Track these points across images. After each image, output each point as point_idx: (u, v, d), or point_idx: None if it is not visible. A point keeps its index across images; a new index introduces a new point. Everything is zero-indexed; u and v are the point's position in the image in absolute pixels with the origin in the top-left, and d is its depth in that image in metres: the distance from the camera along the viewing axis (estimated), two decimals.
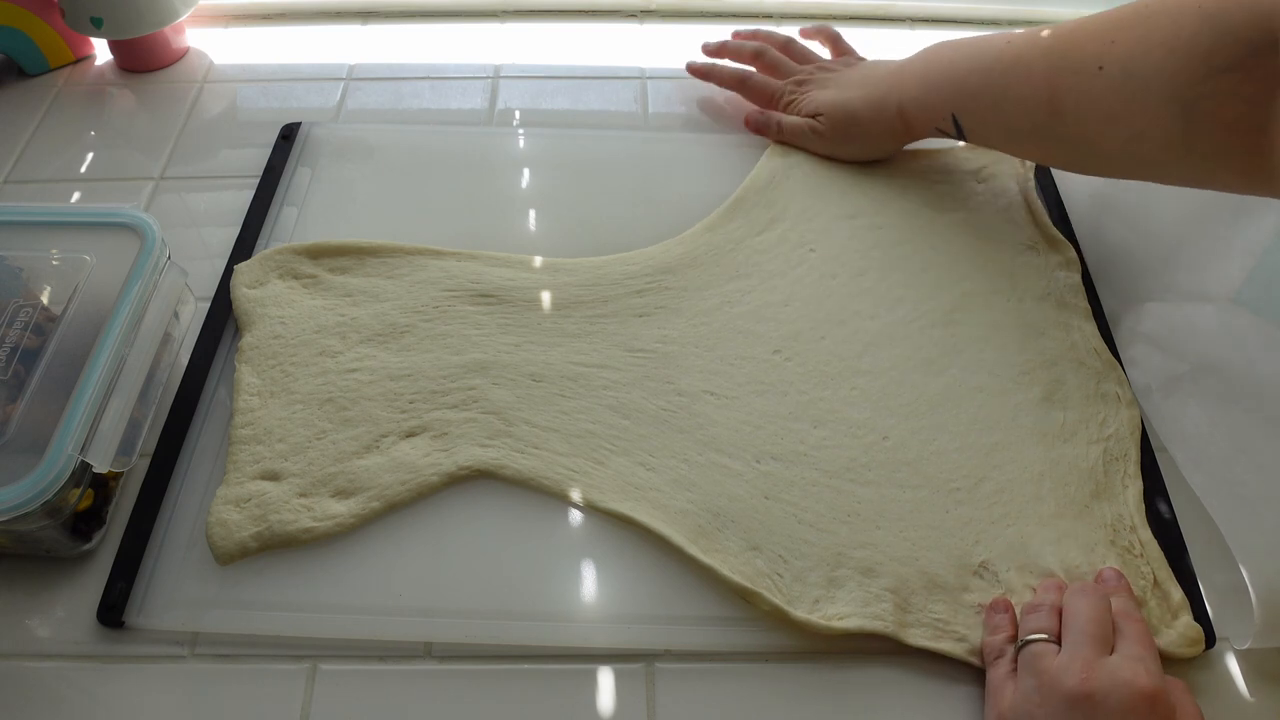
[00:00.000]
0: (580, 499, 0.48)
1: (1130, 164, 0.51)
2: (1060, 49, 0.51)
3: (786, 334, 0.54)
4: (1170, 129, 0.46)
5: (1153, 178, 0.53)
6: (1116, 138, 0.49)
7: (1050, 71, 0.51)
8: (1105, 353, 0.54)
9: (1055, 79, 0.51)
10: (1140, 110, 0.47)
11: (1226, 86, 0.43)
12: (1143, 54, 0.46)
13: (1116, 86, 0.48)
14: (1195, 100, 0.45)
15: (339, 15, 0.80)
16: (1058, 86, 0.50)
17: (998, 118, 0.55)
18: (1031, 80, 0.52)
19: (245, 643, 0.44)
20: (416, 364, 0.52)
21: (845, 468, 0.49)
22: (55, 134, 0.69)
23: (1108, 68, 0.48)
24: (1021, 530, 0.47)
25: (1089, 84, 0.49)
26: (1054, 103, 0.51)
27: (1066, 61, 0.50)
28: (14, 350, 0.45)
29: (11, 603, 0.45)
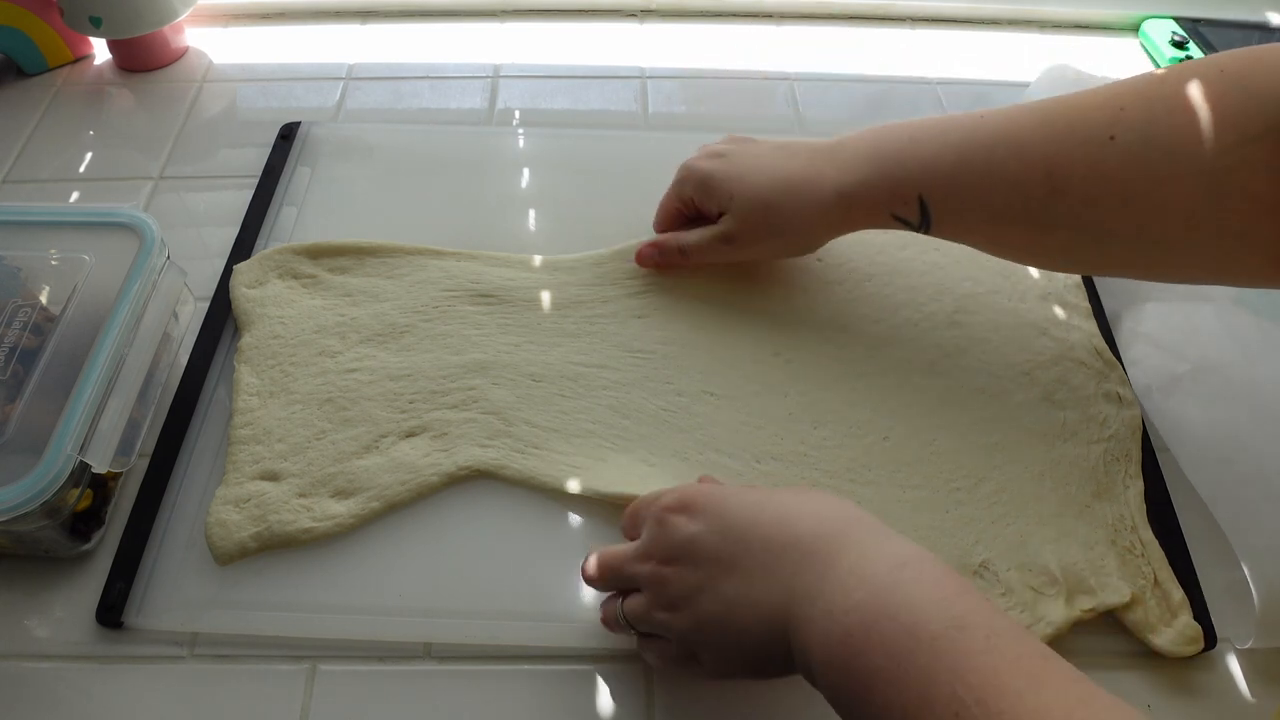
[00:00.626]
0: (580, 489, 0.47)
1: (1143, 250, 0.44)
2: (1058, 119, 0.44)
3: (788, 336, 0.54)
4: (1197, 205, 0.41)
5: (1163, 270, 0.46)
6: (1128, 217, 0.42)
7: (1049, 143, 0.44)
8: (1106, 353, 0.54)
9: (1056, 151, 0.43)
10: (1161, 184, 0.41)
11: (1259, 156, 0.39)
12: (1164, 120, 0.41)
13: (1134, 158, 0.41)
14: (1226, 171, 0.39)
15: (338, 15, 0.80)
16: (1060, 159, 0.43)
17: (979, 199, 0.46)
18: (1025, 155, 0.44)
19: (245, 643, 0.44)
20: (416, 364, 0.52)
21: (846, 468, 0.49)
22: (54, 134, 0.69)
23: (1121, 136, 0.41)
24: (1022, 530, 0.47)
25: (1099, 155, 0.42)
26: (1054, 179, 0.43)
27: (1070, 131, 0.43)
28: (13, 350, 0.45)
29: (10, 603, 0.45)
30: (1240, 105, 0.39)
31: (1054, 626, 0.43)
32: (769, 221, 0.51)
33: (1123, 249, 0.44)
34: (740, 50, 0.77)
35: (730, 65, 0.75)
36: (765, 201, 0.51)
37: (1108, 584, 0.44)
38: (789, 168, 0.51)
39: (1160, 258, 0.44)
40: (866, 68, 0.77)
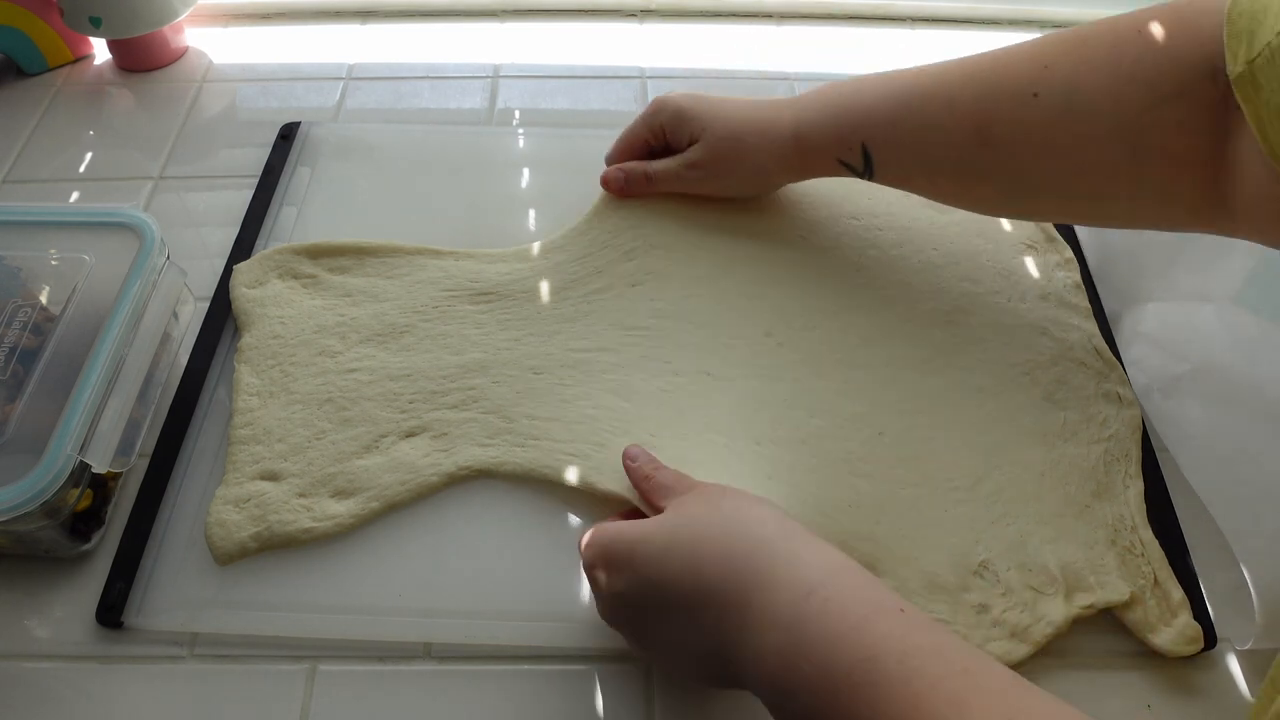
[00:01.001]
0: (578, 480, 0.47)
1: (1067, 200, 0.48)
2: (987, 76, 0.46)
3: (778, 317, 0.55)
4: (1117, 161, 0.43)
5: (1087, 216, 0.50)
6: (1054, 170, 0.45)
7: (978, 99, 0.46)
8: (1106, 353, 0.54)
9: (984, 106, 0.46)
10: (1083, 141, 0.43)
11: (1174, 116, 0.41)
12: (1083, 80, 0.43)
13: (1056, 115, 0.44)
14: (1142, 130, 0.42)
15: (338, 15, 0.80)
16: (987, 114, 0.46)
17: (916, 149, 0.49)
18: (955, 108, 0.47)
19: (245, 643, 0.44)
20: (416, 364, 0.52)
21: (843, 459, 0.49)
22: (54, 133, 0.69)
23: (1043, 95, 0.44)
24: (1021, 529, 0.47)
25: (1023, 112, 0.44)
26: (983, 132, 0.46)
27: (997, 88, 0.45)
28: (13, 350, 0.45)
29: (10, 603, 0.45)
30: (1156, 66, 0.41)
31: (1054, 626, 0.43)
32: (736, 154, 0.55)
33: (1051, 199, 0.48)
34: (740, 50, 0.77)
35: (730, 65, 0.75)
36: (735, 135, 0.54)
37: (1107, 583, 0.44)
38: (756, 110, 0.55)
39: (1086, 208, 0.48)
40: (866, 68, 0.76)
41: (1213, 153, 0.41)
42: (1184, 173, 0.42)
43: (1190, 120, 0.40)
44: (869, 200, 0.61)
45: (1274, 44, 0.36)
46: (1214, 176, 0.41)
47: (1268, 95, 0.36)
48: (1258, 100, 0.37)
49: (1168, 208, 0.44)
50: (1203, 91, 0.40)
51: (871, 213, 0.61)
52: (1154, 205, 0.45)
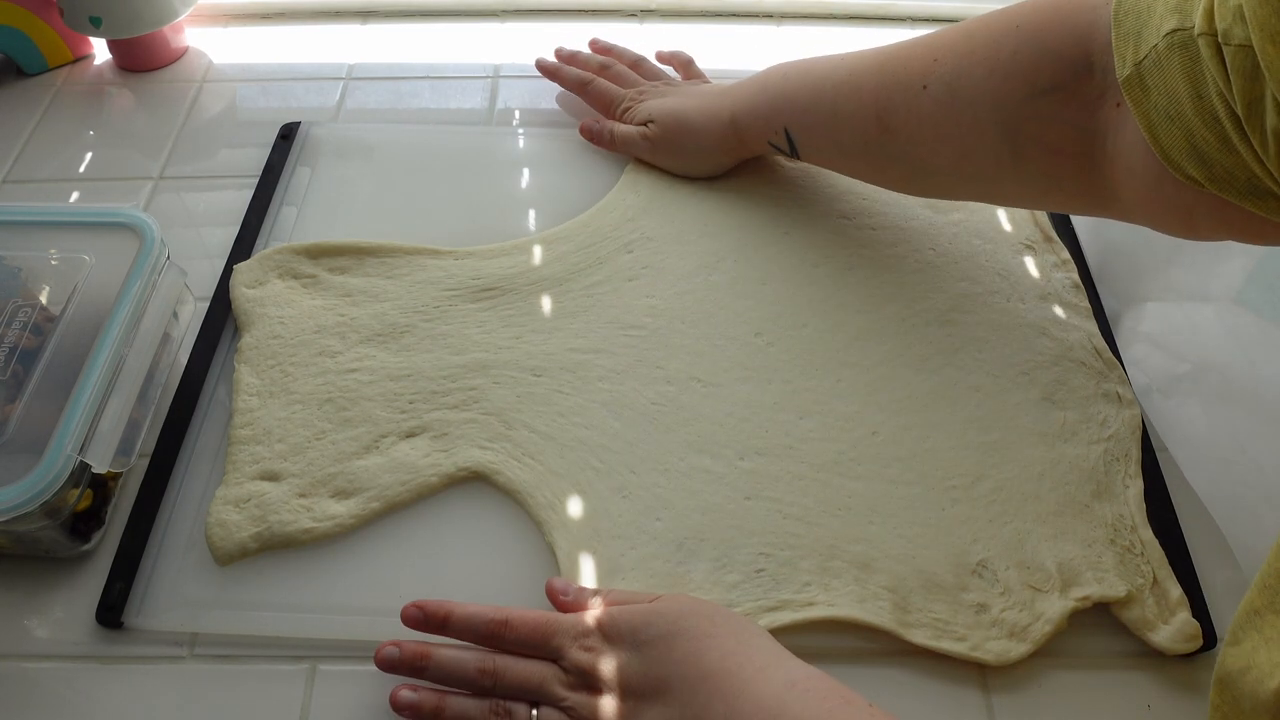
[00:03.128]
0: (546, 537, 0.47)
1: (963, 182, 0.51)
2: (889, 67, 0.50)
3: (766, 315, 0.55)
4: (998, 149, 0.45)
5: (988, 197, 0.53)
6: (947, 155, 0.48)
7: (879, 89, 0.50)
8: (1106, 352, 0.54)
9: (884, 96, 0.49)
10: (967, 130, 0.46)
11: (1049, 109, 0.43)
12: (965, 73, 0.45)
13: (943, 106, 0.47)
14: (1019, 122, 0.44)
15: (338, 15, 0.80)
16: (886, 104, 0.49)
17: (829, 134, 0.54)
18: (861, 97, 0.51)
19: (245, 643, 0.44)
20: (416, 364, 0.52)
21: (833, 461, 0.49)
22: (54, 133, 0.69)
23: (932, 87, 0.47)
24: (1020, 529, 0.47)
25: (916, 102, 0.48)
26: (883, 120, 0.50)
27: (895, 79, 0.49)
28: (13, 350, 0.45)
29: (10, 603, 0.45)
30: (1032, 60, 0.43)
31: (1052, 623, 0.43)
32: (681, 132, 0.61)
33: (951, 181, 0.51)
34: (740, 50, 0.77)
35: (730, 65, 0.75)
36: (680, 118, 0.61)
37: (1105, 579, 0.44)
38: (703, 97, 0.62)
39: (985, 189, 0.51)
40: None
41: (1092, 145, 0.42)
42: (1064, 162, 0.44)
43: (1066, 114, 0.42)
44: (864, 200, 0.61)
45: (1160, 47, 0.36)
46: (1095, 167, 0.43)
47: (1155, 99, 0.37)
48: (1147, 103, 0.37)
49: (1055, 193, 0.47)
50: (1079, 87, 0.41)
51: (867, 212, 0.61)
52: (1040, 190, 0.47)
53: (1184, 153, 0.37)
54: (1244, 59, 0.32)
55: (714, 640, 0.39)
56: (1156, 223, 0.44)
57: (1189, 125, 0.36)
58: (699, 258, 0.58)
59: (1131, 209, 0.43)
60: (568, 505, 0.47)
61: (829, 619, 0.43)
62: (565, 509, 0.47)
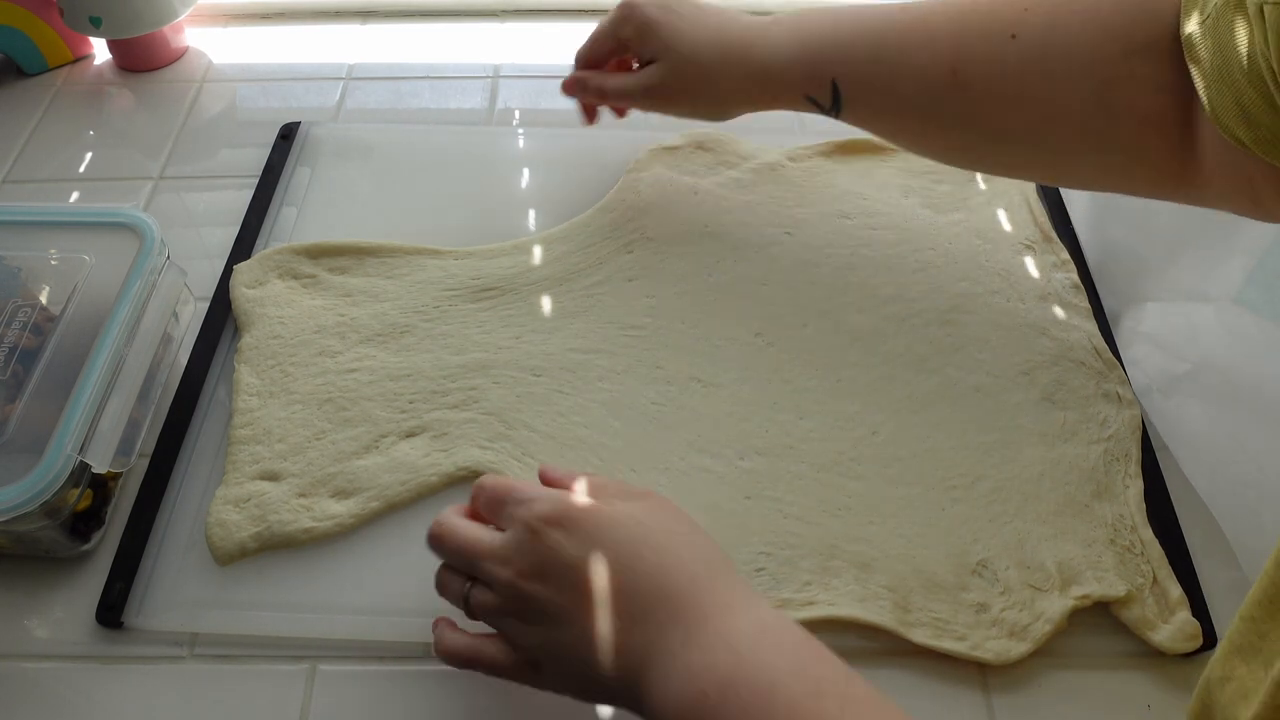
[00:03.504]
0: None
1: (1033, 152, 0.46)
2: (969, 13, 0.45)
3: (766, 315, 0.55)
4: (1086, 114, 0.42)
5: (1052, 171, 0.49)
6: (1026, 118, 0.44)
7: (958, 35, 0.44)
8: (1106, 352, 0.54)
9: (963, 44, 0.44)
10: (1057, 89, 0.42)
11: (1144, 71, 0.40)
12: (1061, 24, 0.41)
13: (1032, 59, 0.42)
14: (1112, 82, 0.41)
15: (338, 15, 0.80)
16: (964, 53, 0.44)
17: (889, 87, 0.47)
18: (934, 45, 0.45)
19: (244, 643, 0.44)
20: (416, 364, 0.52)
21: (833, 461, 0.49)
22: (54, 133, 0.69)
23: (1022, 36, 0.42)
24: (1020, 529, 0.47)
25: (1000, 52, 0.43)
26: (958, 72, 0.44)
27: (977, 26, 0.44)
28: (13, 350, 0.45)
29: (10, 603, 0.45)
30: (1131, 17, 0.40)
31: (1052, 623, 0.43)
32: (697, 81, 0.53)
33: (1018, 151, 0.46)
34: None
35: None
36: (700, 63, 0.52)
37: (1105, 579, 0.44)
38: (726, 35, 0.52)
39: (1052, 162, 0.46)
40: None
41: (1179, 114, 0.40)
42: (1151, 133, 0.41)
43: (1159, 76, 0.40)
44: (864, 200, 0.61)
45: (1219, 4, 0.36)
46: (1180, 140, 0.41)
47: (1211, 58, 0.36)
48: (1203, 65, 0.37)
49: (1135, 168, 0.43)
50: (1173, 50, 0.39)
51: (867, 212, 0.61)
52: (1121, 165, 0.44)
53: (1233, 114, 0.36)
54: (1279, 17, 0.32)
55: (683, 562, 0.36)
56: (1226, 199, 0.42)
57: (1237, 85, 0.35)
58: (699, 258, 0.58)
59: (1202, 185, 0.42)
60: None
61: (829, 618, 0.43)
62: None
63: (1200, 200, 0.43)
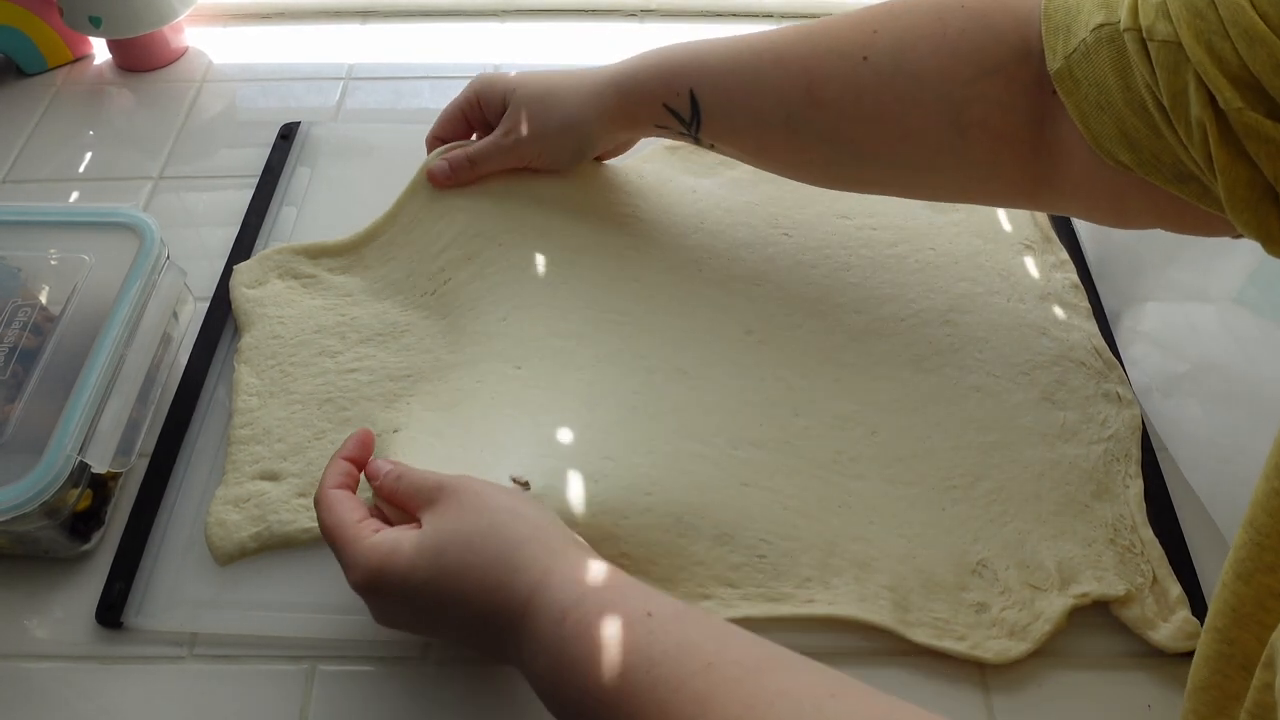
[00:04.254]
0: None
1: (893, 169, 0.47)
2: (819, 37, 0.46)
3: (759, 314, 0.54)
4: (941, 132, 0.44)
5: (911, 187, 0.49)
6: (883, 136, 0.45)
7: (810, 56, 0.45)
8: (1106, 352, 0.54)
9: (816, 64, 0.45)
10: (911, 108, 0.44)
11: (994, 92, 0.42)
12: (910, 47, 0.43)
13: (885, 79, 0.44)
14: (965, 102, 0.43)
15: (338, 15, 0.80)
16: (819, 73, 0.45)
17: (747, 102, 0.47)
18: (788, 64, 0.46)
19: (244, 643, 0.44)
20: (415, 364, 0.52)
21: (832, 459, 0.49)
22: (53, 133, 0.69)
23: (873, 58, 0.44)
24: (1020, 529, 0.46)
25: (854, 73, 0.44)
26: (814, 91, 0.45)
27: (829, 48, 0.45)
28: (12, 350, 0.45)
29: (10, 603, 0.45)
30: (978, 40, 0.42)
31: (1052, 622, 0.43)
32: (546, 108, 0.52)
33: (878, 167, 0.47)
34: None
35: None
36: (545, 88, 0.52)
37: (1105, 578, 0.44)
38: (573, 71, 0.53)
39: (913, 178, 0.48)
40: None
41: (1033, 133, 0.42)
42: (1006, 149, 0.43)
43: (1009, 98, 0.42)
44: (863, 200, 0.61)
45: (1088, 41, 0.38)
46: (1036, 156, 0.43)
47: (1086, 90, 0.38)
48: (1078, 94, 0.39)
49: (992, 183, 0.46)
50: (1020, 71, 0.41)
51: (866, 212, 0.61)
52: (979, 180, 0.46)
53: (1114, 139, 0.38)
54: (1167, 54, 0.34)
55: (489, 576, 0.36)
56: (1089, 210, 0.45)
57: (1119, 114, 0.38)
58: (691, 252, 0.57)
59: (1064, 196, 0.44)
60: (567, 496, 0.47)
61: (829, 616, 0.43)
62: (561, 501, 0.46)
63: (1060, 209, 0.47)
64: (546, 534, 0.38)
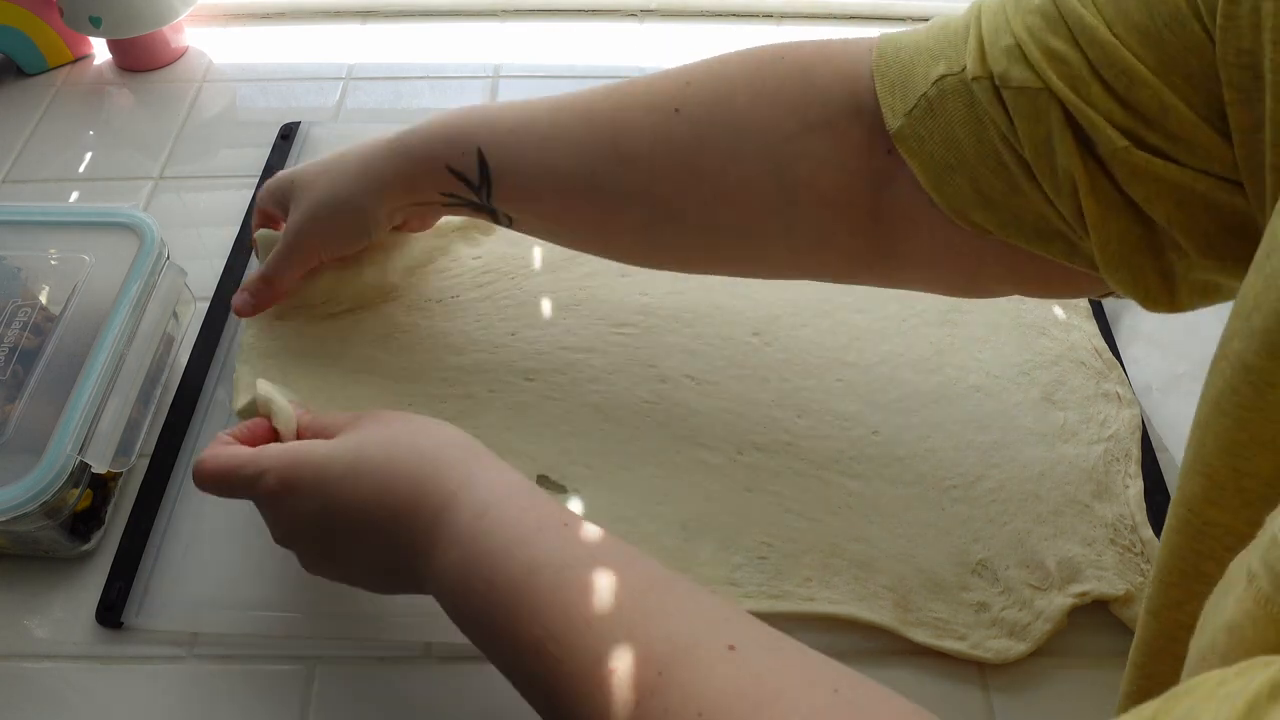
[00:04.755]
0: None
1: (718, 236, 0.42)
2: (629, 89, 0.41)
3: (765, 316, 0.55)
4: (765, 192, 0.39)
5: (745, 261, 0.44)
6: (702, 197, 0.40)
7: (616, 110, 0.41)
8: (1106, 352, 0.54)
9: (623, 118, 0.41)
10: (729, 162, 0.39)
11: (821, 149, 0.38)
12: (726, 98, 0.39)
13: (700, 132, 0.39)
14: (790, 159, 0.38)
15: (338, 15, 0.80)
16: (626, 126, 0.40)
17: (543, 163, 0.42)
18: (592, 120, 0.41)
19: (244, 643, 0.44)
20: (418, 365, 0.52)
21: (833, 459, 0.49)
22: (54, 133, 0.69)
23: (686, 110, 0.39)
24: (1020, 528, 0.47)
25: (666, 125, 0.40)
26: (619, 145, 0.40)
27: (636, 100, 0.41)
28: (12, 350, 0.45)
29: (10, 603, 0.45)
30: (801, 93, 0.38)
31: (1052, 622, 0.43)
32: (318, 194, 0.45)
33: (698, 233, 0.42)
34: None
35: None
36: (319, 170, 0.46)
37: (1104, 578, 0.44)
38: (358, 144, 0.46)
39: (736, 247, 0.42)
40: None
41: (869, 197, 0.38)
42: (839, 214, 0.39)
43: (838, 157, 0.38)
44: None
45: (930, 94, 0.35)
46: (874, 223, 0.39)
47: (932, 148, 0.35)
48: (923, 153, 0.36)
49: (825, 252, 0.41)
50: (850, 129, 0.38)
51: None
52: (811, 249, 0.41)
53: (968, 200, 0.36)
54: (1025, 101, 0.32)
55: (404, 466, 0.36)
56: (936, 281, 0.42)
57: (971, 171, 0.35)
58: None
59: (909, 267, 0.41)
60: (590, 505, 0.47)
61: (830, 615, 0.43)
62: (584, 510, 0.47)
63: (903, 282, 0.42)
64: (469, 442, 0.38)
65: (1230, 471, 0.24)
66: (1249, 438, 0.23)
